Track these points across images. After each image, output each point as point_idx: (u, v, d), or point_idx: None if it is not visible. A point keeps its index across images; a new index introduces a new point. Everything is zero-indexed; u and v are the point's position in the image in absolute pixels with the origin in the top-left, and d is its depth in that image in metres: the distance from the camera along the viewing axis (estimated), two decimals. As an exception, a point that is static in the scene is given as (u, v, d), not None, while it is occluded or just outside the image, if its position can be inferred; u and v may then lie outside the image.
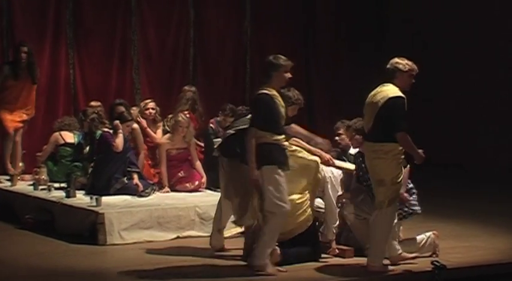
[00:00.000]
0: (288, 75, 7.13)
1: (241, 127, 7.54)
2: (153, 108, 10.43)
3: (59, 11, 12.20)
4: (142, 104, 10.60)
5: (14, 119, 10.45)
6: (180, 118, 9.79)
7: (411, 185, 7.67)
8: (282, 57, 7.15)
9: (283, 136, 7.05)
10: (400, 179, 7.07)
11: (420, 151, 6.97)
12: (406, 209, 7.57)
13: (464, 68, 13.64)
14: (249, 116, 7.37)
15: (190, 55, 13.32)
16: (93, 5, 12.47)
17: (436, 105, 13.83)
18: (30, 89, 10.54)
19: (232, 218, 7.83)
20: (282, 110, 7.08)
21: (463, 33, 13.75)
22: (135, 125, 9.88)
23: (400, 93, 7.01)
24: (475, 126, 13.44)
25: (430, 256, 7.55)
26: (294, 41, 13.97)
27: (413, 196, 7.70)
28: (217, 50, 13.49)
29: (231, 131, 7.72)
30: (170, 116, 10.44)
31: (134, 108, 10.57)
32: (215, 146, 8.85)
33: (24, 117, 10.55)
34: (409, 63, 7.13)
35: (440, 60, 13.77)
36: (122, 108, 9.93)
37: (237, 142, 7.46)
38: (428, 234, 7.70)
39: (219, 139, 9.21)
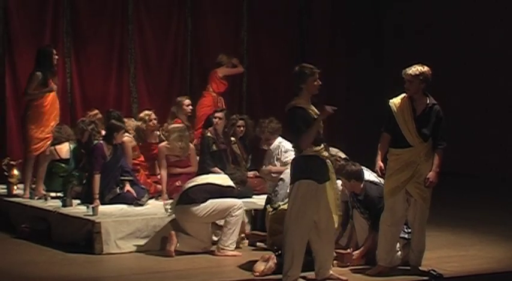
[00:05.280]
0: (318, 82, 6.93)
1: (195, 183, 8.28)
2: (155, 119, 10.46)
3: (56, 19, 12.19)
4: (145, 116, 10.47)
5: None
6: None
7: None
8: (308, 66, 6.96)
9: (322, 146, 6.88)
10: None
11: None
12: (406, 236, 7.51)
13: (461, 74, 13.68)
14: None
15: (187, 63, 13.34)
16: (90, 13, 12.46)
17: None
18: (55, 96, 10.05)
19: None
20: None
21: (460, 39, 13.80)
22: (126, 138, 9.81)
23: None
24: (469, 132, 13.43)
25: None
26: (291, 50, 13.99)
27: None
28: (215, 59, 13.44)
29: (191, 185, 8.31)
30: (166, 124, 10.49)
31: (126, 119, 10.49)
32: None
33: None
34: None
35: (438, 65, 13.78)
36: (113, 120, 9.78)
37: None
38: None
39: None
